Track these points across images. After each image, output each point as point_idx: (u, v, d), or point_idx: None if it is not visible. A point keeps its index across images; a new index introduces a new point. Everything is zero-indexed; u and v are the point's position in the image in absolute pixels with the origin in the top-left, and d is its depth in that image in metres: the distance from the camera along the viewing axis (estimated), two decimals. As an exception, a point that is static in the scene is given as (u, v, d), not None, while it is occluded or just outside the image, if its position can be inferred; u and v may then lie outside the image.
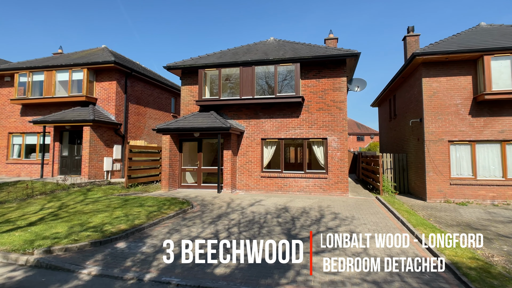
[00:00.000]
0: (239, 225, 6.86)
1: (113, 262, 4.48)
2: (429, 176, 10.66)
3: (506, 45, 9.85)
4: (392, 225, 7.09)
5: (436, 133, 10.69)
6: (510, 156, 10.25)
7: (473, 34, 11.82)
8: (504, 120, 10.22)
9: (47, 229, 5.62)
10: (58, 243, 4.87)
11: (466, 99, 10.54)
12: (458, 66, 10.61)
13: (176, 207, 8.02)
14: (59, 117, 12.87)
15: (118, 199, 8.96)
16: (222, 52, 13.63)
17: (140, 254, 4.82)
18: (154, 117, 17.20)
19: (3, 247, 4.71)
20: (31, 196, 8.62)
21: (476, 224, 7.49)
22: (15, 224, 5.98)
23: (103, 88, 14.03)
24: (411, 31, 14.09)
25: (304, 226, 6.82)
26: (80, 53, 16.14)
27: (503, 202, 10.07)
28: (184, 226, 6.65)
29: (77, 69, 13.67)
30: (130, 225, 6.15)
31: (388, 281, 4.05)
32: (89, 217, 6.65)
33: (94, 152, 12.70)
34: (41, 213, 6.91)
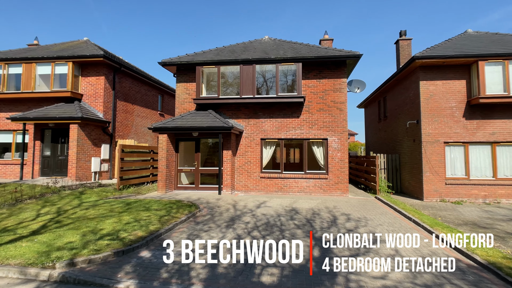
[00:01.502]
0: (258, 228, 6.61)
1: (147, 273, 4.08)
2: (426, 176, 11.00)
3: (499, 51, 10.38)
4: (407, 225, 7.17)
5: (432, 135, 11.06)
6: (500, 157, 10.83)
7: (463, 40, 12.35)
8: (495, 123, 10.77)
9: (57, 238, 5.05)
10: (79, 255, 4.37)
11: (461, 102, 11.00)
12: (453, 71, 11.03)
13: (185, 211, 7.61)
14: (41, 113, 11.86)
15: (118, 202, 8.36)
16: (218, 50, 13.25)
17: (171, 264, 4.45)
18: (142, 115, 16.41)
19: (15, 260, 4.14)
20: (20, 200, 7.80)
21: (481, 223, 7.77)
22: (16, 233, 5.32)
23: (90, 84, 13.12)
24: (404, 35, 14.52)
25: (324, 228, 6.71)
26: (61, 45, 15.01)
27: (494, 201, 10.61)
28: (201, 231, 6.29)
29: (61, 62, 12.68)
30: (146, 231, 5.70)
31: (437, 284, 4.01)
32: (97, 223, 6.10)
33: (81, 151, 11.84)
34: (40, 220, 6.24)
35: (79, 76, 13.11)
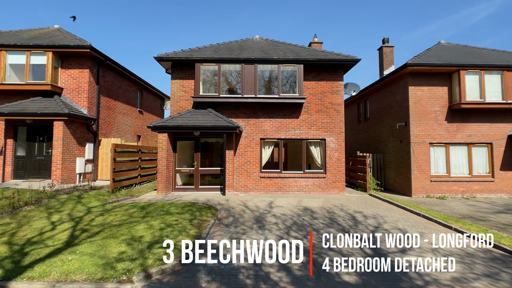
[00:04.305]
0: (291, 228, 6.65)
1: (233, 282, 3.91)
2: (414, 175, 11.95)
3: (477, 62, 11.64)
4: (419, 220, 7.74)
5: (419, 136, 12.04)
6: (475, 156, 12.17)
7: (440, 50, 13.56)
8: (471, 126, 12.06)
9: (102, 249, 4.57)
10: (148, 266, 4.03)
11: (443, 107, 12.12)
12: (437, 78, 12.11)
13: (207, 213, 7.37)
14: (18, 108, 10.53)
15: (129, 206, 7.79)
16: (214, 47, 12.91)
17: (243, 269, 4.32)
18: (123, 112, 15.36)
19: (79, 276, 3.68)
20: (17, 207, 6.86)
21: (475, 216, 8.68)
22: (48, 246, 4.70)
23: (72, 77, 11.96)
24: (386, 42, 15.52)
25: (352, 226, 6.97)
26: (30, 32, 13.43)
27: (470, 196, 11.89)
28: (238, 234, 6.16)
29: (38, 51, 11.36)
30: (188, 236, 5.43)
31: (494, 273, 4.44)
32: (128, 230, 5.63)
33: (67, 151, 10.75)
34: (62, 229, 5.57)
35: (58, 68, 11.87)
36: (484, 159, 12.20)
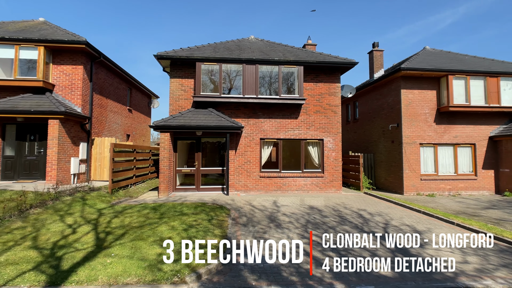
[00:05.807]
0: (306, 227, 6.84)
1: (280, 279, 4.01)
2: (406, 174, 12.57)
3: (464, 68, 12.44)
4: (421, 217, 8.20)
5: (410, 137, 12.67)
6: (460, 156, 12.99)
7: (427, 56, 14.33)
8: (457, 128, 12.87)
9: (138, 251, 4.50)
10: (197, 266, 4.04)
11: (432, 109, 12.83)
12: (427, 82, 12.80)
13: (222, 213, 7.40)
14: (8, 105, 9.95)
15: (140, 208, 7.63)
16: (211, 46, 12.87)
17: (283, 266, 4.43)
18: (114, 111, 14.88)
19: (129, 279, 3.61)
20: (24, 210, 6.51)
21: (468, 212, 9.30)
22: (78, 249, 4.55)
23: (64, 73, 11.44)
24: (376, 46, 16.13)
25: (364, 224, 7.27)
26: (15, 25, 12.70)
27: (456, 193, 12.69)
28: (259, 233, 6.25)
29: (29, 46, 10.78)
30: (214, 237, 5.46)
31: (508, 263, 4.85)
32: (153, 232, 5.55)
33: (62, 151, 10.30)
34: (84, 232, 5.38)
35: (50, 63, 11.32)
36: (468, 159, 13.06)
